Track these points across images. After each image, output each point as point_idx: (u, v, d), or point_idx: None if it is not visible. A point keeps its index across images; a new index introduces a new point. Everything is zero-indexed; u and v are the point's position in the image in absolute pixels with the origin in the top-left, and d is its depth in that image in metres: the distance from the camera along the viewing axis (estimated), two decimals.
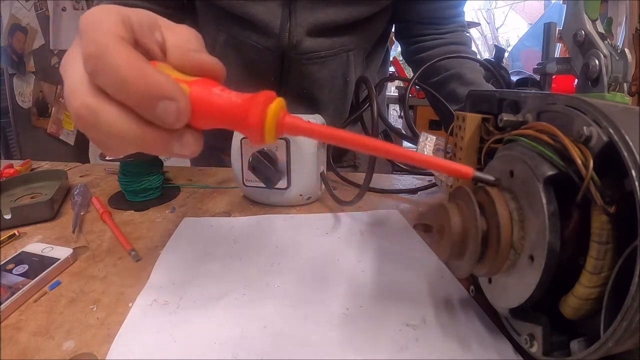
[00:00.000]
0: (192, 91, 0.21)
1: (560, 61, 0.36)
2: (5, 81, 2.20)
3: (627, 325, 0.18)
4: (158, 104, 0.20)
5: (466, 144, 0.31)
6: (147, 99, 0.20)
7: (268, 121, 0.21)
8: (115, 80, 0.20)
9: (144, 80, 0.19)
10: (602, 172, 0.19)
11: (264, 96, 0.21)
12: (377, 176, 0.59)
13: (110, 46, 0.20)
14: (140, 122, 0.21)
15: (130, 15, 0.22)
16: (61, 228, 0.44)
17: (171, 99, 0.20)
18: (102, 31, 0.20)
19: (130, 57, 0.20)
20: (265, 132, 0.21)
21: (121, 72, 0.19)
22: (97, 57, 0.20)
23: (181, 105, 0.20)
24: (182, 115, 0.21)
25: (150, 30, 0.23)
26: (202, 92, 0.22)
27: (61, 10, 2.00)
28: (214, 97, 0.22)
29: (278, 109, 0.22)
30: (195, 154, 0.23)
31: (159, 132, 0.21)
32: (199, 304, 0.31)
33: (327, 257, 0.37)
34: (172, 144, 0.22)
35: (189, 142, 0.22)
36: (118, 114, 0.20)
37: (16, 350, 0.26)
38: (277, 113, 0.21)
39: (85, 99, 0.20)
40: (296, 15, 0.55)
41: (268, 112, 0.21)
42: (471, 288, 0.31)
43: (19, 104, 2.23)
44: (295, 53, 0.58)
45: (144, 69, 0.20)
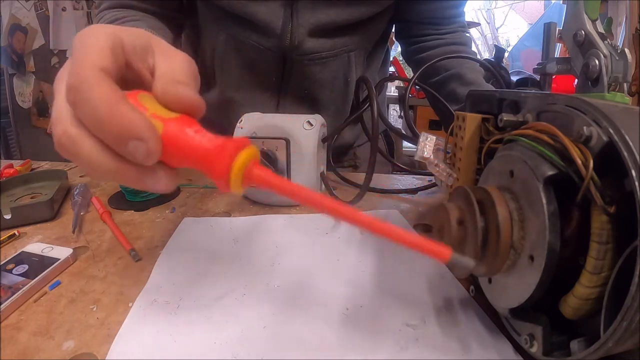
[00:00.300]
0: (165, 130, 0.21)
1: (560, 61, 0.36)
2: (5, 81, 2.20)
3: (627, 325, 0.18)
4: (129, 143, 0.20)
5: (466, 144, 0.31)
6: (118, 137, 0.20)
7: (234, 172, 0.20)
8: (91, 116, 0.20)
9: (116, 119, 0.20)
10: (602, 172, 0.19)
11: (234, 145, 0.21)
12: (377, 176, 0.59)
13: (88, 81, 0.20)
14: (115, 157, 0.21)
15: (123, 38, 0.23)
16: (61, 228, 0.44)
17: (141, 140, 0.20)
18: (85, 62, 0.21)
19: (108, 94, 0.20)
20: (230, 183, 0.21)
21: (96, 109, 0.20)
22: (76, 90, 0.20)
23: (150, 145, 0.21)
24: (151, 155, 0.21)
25: (143, 54, 0.24)
26: (175, 131, 0.21)
27: (61, 10, 2.00)
28: (185, 138, 0.21)
29: (247, 160, 0.21)
30: (169, 189, 0.23)
31: (132, 167, 0.22)
32: (199, 304, 0.31)
33: (327, 257, 0.37)
34: (145, 179, 0.22)
35: (161, 178, 0.23)
36: (95, 147, 0.21)
37: (16, 350, 0.26)
38: (244, 164, 0.21)
39: (67, 127, 0.21)
40: (298, 16, 0.55)
41: (235, 162, 0.20)
42: (471, 288, 0.31)
43: (19, 104, 2.23)
44: (297, 54, 0.58)
45: (118, 107, 0.20)
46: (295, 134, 0.46)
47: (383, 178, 0.60)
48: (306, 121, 0.47)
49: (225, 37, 0.59)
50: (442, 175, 0.34)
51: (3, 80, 2.20)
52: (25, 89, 2.20)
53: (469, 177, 0.32)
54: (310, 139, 0.46)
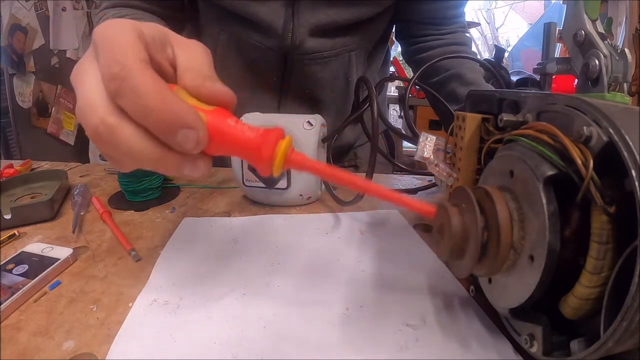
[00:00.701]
0: (208, 121, 0.22)
1: (560, 61, 0.36)
2: (5, 81, 2.20)
3: (627, 325, 0.18)
4: (179, 132, 0.21)
5: (466, 144, 0.31)
6: (169, 126, 0.21)
7: (278, 157, 0.23)
8: (138, 105, 0.20)
9: (167, 108, 0.20)
10: (602, 172, 0.19)
11: (275, 133, 0.23)
12: (377, 176, 0.59)
13: (134, 70, 0.20)
14: (158, 145, 0.21)
15: (144, 31, 0.23)
16: (61, 228, 0.44)
17: (192, 128, 0.21)
18: (125, 51, 0.20)
19: (155, 84, 0.20)
20: (274, 166, 0.23)
21: (145, 99, 0.20)
22: (122, 79, 0.20)
23: (200, 134, 0.21)
24: (200, 143, 0.22)
25: (162, 46, 0.24)
26: (218, 122, 0.23)
27: (61, 10, 2.00)
28: (229, 129, 0.23)
29: (287, 146, 0.24)
30: (205, 176, 0.24)
31: (175, 156, 0.22)
32: (199, 304, 0.31)
33: (327, 257, 0.37)
34: (184, 167, 0.23)
35: (200, 166, 0.23)
36: (137, 135, 0.21)
37: (16, 350, 0.26)
38: (286, 150, 0.23)
39: (105, 116, 0.21)
40: (299, 16, 0.55)
41: (278, 148, 0.23)
42: (471, 288, 0.31)
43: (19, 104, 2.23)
44: (298, 53, 0.58)
45: (167, 97, 0.20)
46: (295, 134, 0.46)
47: (383, 178, 0.60)
48: (306, 121, 0.47)
49: (227, 36, 0.60)
50: (442, 175, 0.34)
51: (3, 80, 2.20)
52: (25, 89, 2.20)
53: (469, 177, 0.32)
54: (310, 139, 0.46)
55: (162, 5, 0.57)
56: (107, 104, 0.21)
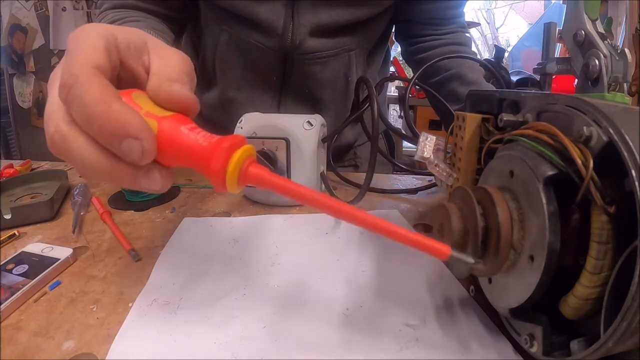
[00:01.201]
0: (159, 128, 0.21)
1: (560, 61, 0.36)
2: (5, 81, 2.20)
3: (627, 325, 0.18)
4: (123, 141, 0.20)
5: (466, 144, 0.31)
6: (112, 136, 0.20)
7: (229, 171, 0.20)
8: (83, 113, 0.20)
9: (110, 117, 0.19)
10: (602, 172, 0.19)
11: (229, 142, 0.20)
12: (377, 176, 0.59)
13: (81, 78, 0.20)
14: (109, 156, 0.21)
15: (117, 36, 0.22)
16: (61, 228, 0.44)
17: (136, 138, 0.20)
18: (78, 60, 0.20)
19: (101, 92, 0.20)
20: (226, 182, 0.20)
21: (88, 107, 0.19)
22: (69, 88, 0.20)
23: (145, 144, 0.20)
24: (146, 154, 0.20)
25: (137, 52, 0.23)
26: (170, 130, 0.21)
27: (61, 10, 2.00)
28: (180, 137, 0.21)
29: (242, 158, 0.20)
30: (164, 189, 0.23)
31: (126, 167, 0.21)
32: (199, 304, 0.31)
33: (327, 257, 0.37)
34: (139, 179, 0.22)
35: (156, 178, 0.22)
36: (87, 145, 0.21)
37: (16, 350, 0.26)
38: (240, 162, 0.20)
39: (59, 125, 0.21)
40: (299, 16, 0.56)
41: (231, 160, 0.20)
42: (471, 288, 0.31)
43: (19, 104, 2.23)
44: (298, 53, 0.58)
45: (112, 106, 0.20)
46: (295, 134, 0.46)
47: (383, 178, 0.60)
48: (306, 121, 0.47)
49: (227, 36, 0.60)
50: (442, 175, 0.34)
51: (3, 80, 2.20)
52: (25, 89, 2.20)
53: (469, 177, 0.32)
54: (310, 139, 0.46)
55: (163, 5, 0.57)
56: (63, 113, 0.21)
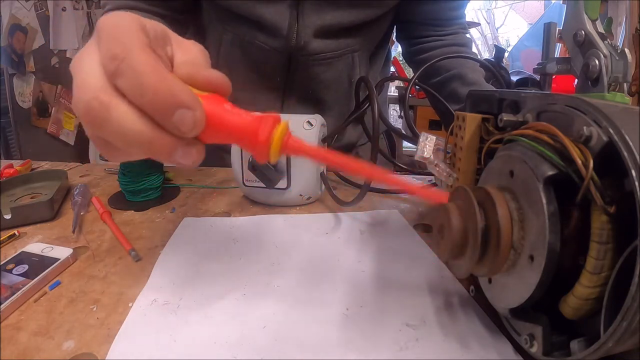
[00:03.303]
0: (205, 105, 0.22)
1: (560, 61, 0.36)
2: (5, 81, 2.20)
3: (627, 325, 0.18)
4: (176, 112, 0.20)
5: (466, 144, 0.31)
6: (166, 106, 0.20)
7: (275, 141, 0.23)
8: (136, 84, 0.20)
9: (165, 87, 0.20)
10: (602, 172, 0.19)
11: (272, 118, 0.23)
12: None
13: (135, 50, 0.20)
14: (152, 126, 0.21)
15: (146, 24, 0.23)
16: (61, 228, 0.44)
17: (189, 109, 0.20)
18: (128, 34, 0.21)
19: (155, 64, 0.20)
20: (271, 151, 0.23)
21: (144, 77, 0.20)
22: (122, 58, 0.20)
23: (197, 115, 0.21)
24: (197, 125, 0.21)
25: (162, 42, 0.24)
26: (215, 107, 0.22)
27: (61, 10, 2.00)
28: (225, 113, 0.23)
29: (284, 130, 0.23)
30: (196, 164, 0.23)
31: (169, 139, 0.21)
32: (199, 304, 0.31)
33: (327, 257, 0.37)
34: (177, 152, 0.22)
35: (193, 153, 0.23)
36: (131, 113, 0.20)
37: (16, 350, 0.26)
38: (283, 134, 0.23)
39: (99, 93, 0.20)
40: (303, 17, 0.56)
41: (275, 132, 0.23)
42: (471, 288, 0.31)
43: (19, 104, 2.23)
44: (302, 54, 0.58)
45: (167, 77, 0.20)
46: (295, 134, 0.45)
47: None
48: (306, 121, 0.47)
49: (231, 37, 0.60)
50: (442, 175, 0.34)
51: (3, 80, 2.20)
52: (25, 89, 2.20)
53: (469, 177, 0.32)
54: (310, 139, 0.46)
55: (165, 7, 0.57)
56: (103, 83, 0.21)
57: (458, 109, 0.34)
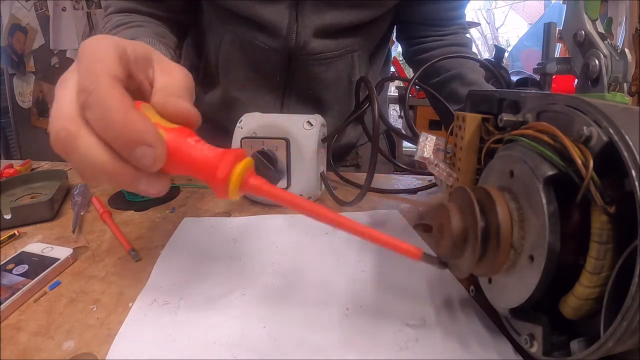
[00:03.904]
0: (168, 139, 0.23)
1: (560, 61, 0.36)
2: (5, 81, 2.20)
3: (627, 325, 0.18)
4: (137, 148, 0.21)
5: (466, 144, 0.31)
6: (129, 142, 0.21)
7: (233, 180, 0.22)
8: (102, 118, 0.21)
9: (129, 124, 0.21)
10: (602, 172, 0.19)
11: (233, 155, 0.23)
12: (377, 176, 0.59)
13: (103, 85, 0.21)
14: (116, 158, 0.22)
15: (127, 49, 0.24)
16: (61, 228, 0.44)
17: (150, 146, 0.21)
18: (100, 67, 0.21)
19: (121, 100, 0.21)
20: (229, 189, 0.23)
21: (109, 113, 0.21)
22: (90, 92, 0.21)
23: (158, 152, 0.22)
24: (157, 161, 0.22)
25: (144, 66, 0.25)
26: (178, 141, 0.23)
27: (61, 10, 2.00)
28: (188, 148, 0.23)
29: (245, 168, 0.23)
30: (161, 194, 0.24)
31: (132, 171, 0.22)
32: (199, 304, 0.31)
33: (327, 257, 0.37)
34: (140, 182, 0.23)
35: (157, 183, 0.24)
36: (96, 145, 0.21)
37: (16, 350, 0.26)
38: (243, 173, 0.23)
39: (68, 123, 0.21)
40: (303, 17, 0.56)
41: (234, 170, 0.22)
42: (471, 288, 0.31)
43: (19, 104, 2.23)
44: (302, 54, 0.58)
45: (131, 114, 0.21)
46: (295, 134, 0.46)
47: (383, 178, 0.60)
48: (306, 121, 0.47)
49: (231, 37, 0.60)
50: (442, 175, 0.34)
51: (3, 80, 2.20)
52: (25, 89, 2.20)
53: (469, 177, 0.32)
54: (310, 139, 0.46)
55: (165, 9, 0.58)
56: (74, 113, 0.22)
57: (458, 109, 0.34)
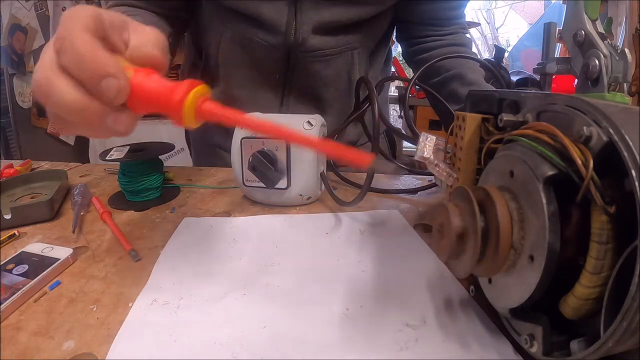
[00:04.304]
0: (134, 75, 0.25)
1: (560, 61, 0.36)
2: (5, 81, 2.20)
3: (627, 325, 0.18)
4: (102, 80, 0.24)
5: (466, 144, 0.31)
6: (95, 75, 0.24)
7: (187, 104, 0.24)
8: (73, 57, 0.24)
9: (95, 59, 0.24)
10: (602, 172, 0.19)
11: (189, 82, 0.25)
12: (377, 176, 0.59)
13: (75, 31, 0.24)
14: (86, 94, 0.24)
15: (102, 14, 0.26)
16: (61, 228, 0.44)
17: (114, 77, 0.24)
18: (75, 20, 0.25)
19: (88, 41, 0.24)
20: (184, 113, 0.24)
21: (79, 51, 0.24)
22: (63, 38, 0.24)
23: (121, 83, 0.24)
24: (121, 92, 0.24)
25: (119, 29, 0.27)
26: (142, 77, 0.25)
27: (61, 10, 2.00)
28: (149, 81, 0.25)
29: (198, 94, 0.24)
30: (128, 133, 0.27)
31: (99, 105, 0.25)
32: (199, 304, 0.31)
33: (327, 257, 0.37)
34: (109, 118, 0.26)
35: (123, 119, 0.26)
36: (68, 86, 0.24)
37: (16, 350, 0.26)
38: (196, 97, 0.24)
39: (46, 71, 0.25)
40: (302, 14, 0.56)
41: (189, 95, 0.24)
42: (471, 288, 0.31)
43: (19, 104, 2.23)
44: (301, 51, 0.59)
45: (97, 52, 0.24)
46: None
47: (383, 178, 0.60)
48: (306, 121, 0.47)
49: (231, 34, 0.60)
50: (442, 175, 0.34)
51: (3, 80, 2.20)
52: (25, 89, 2.20)
53: (469, 177, 0.32)
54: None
55: (163, 5, 0.58)
56: (52, 63, 0.25)
57: (458, 109, 0.34)
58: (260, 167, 0.45)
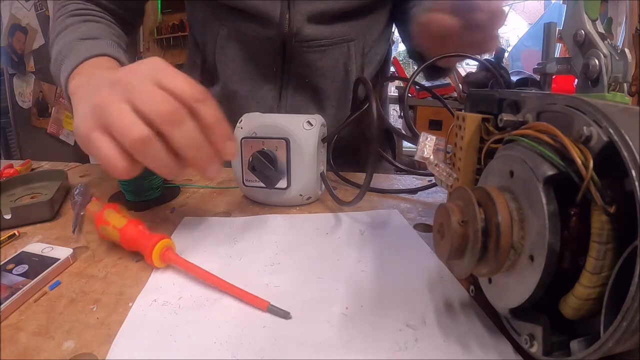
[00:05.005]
0: (121, 230, 0.36)
1: (560, 61, 0.36)
2: (5, 81, 2.20)
3: (627, 325, 0.18)
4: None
5: (466, 144, 0.31)
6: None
7: (154, 253, 0.34)
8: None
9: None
10: (602, 172, 0.19)
11: (157, 238, 0.35)
12: (377, 176, 0.59)
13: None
14: (128, 159, 0.31)
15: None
16: (61, 228, 0.44)
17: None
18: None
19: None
20: (153, 257, 0.34)
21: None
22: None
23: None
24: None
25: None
26: (128, 230, 0.36)
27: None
28: (133, 233, 0.36)
29: (163, 246, 0.35)
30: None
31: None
32: (199, 304, 0.31)
33: (327, 257, 0.37)
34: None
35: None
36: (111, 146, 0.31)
37: (16, 350, 0.26)
38: (160, 249, 0.34)
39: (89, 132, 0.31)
40: (295, 4, 0.57)
41: (155, 247, 0.34)
42: (471, 288, 0.31)
43: (19, 104, 2.23)
44: (296, 41, 0.59)
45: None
46: (295, 134, 0.46)
47: (383, 178, 0.60)
48: (306, 121, 0.47)
49: (227, 31, 0.61)
50: (442, 175, 0.34)
51: (3, 80, 2.20)
52: (25, 89, 2.20)
53: (469, 177, 0.32)
54: (310, 139, 0.46)
55: (121, 6, 0.60)
56: (93, 123, 0.31)
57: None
58: (260, 167, 0.45)
